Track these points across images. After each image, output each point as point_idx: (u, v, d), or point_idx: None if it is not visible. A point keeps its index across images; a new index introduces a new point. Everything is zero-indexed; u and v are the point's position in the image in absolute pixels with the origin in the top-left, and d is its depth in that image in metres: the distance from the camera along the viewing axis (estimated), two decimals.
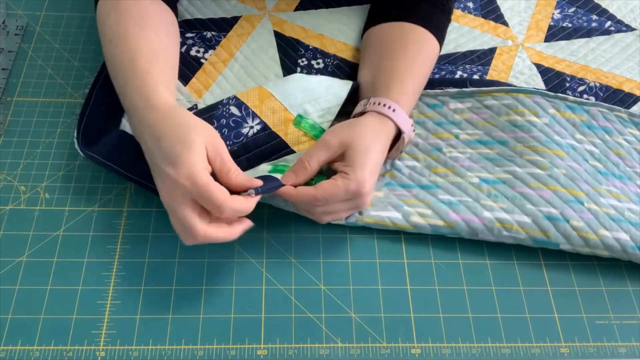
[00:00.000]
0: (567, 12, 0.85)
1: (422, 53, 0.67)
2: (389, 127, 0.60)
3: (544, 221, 0.60)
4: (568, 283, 0.60)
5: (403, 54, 0.66)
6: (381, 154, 0.59)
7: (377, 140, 0.59)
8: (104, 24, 0.64)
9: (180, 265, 0.58)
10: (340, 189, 0.55)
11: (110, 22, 0.63)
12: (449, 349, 0.55)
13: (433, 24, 0.69)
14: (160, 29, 0.64)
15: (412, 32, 0.68)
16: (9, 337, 0.53)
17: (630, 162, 0.67)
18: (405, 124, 0.61)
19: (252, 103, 0.62)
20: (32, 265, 0.57)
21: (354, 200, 0.56)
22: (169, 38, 0.65)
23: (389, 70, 0.65)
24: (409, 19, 0.69)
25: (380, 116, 0.60)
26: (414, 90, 0.65)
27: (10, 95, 0.70)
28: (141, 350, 0.53)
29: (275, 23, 0.79)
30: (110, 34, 0.62)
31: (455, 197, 0.62)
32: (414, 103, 0.66)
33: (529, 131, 0.67)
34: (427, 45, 0.68)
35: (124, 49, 0.60)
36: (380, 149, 0.59)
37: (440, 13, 0.70)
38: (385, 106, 0.60)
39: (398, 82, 0.64)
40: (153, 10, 0.65)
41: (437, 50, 0.70)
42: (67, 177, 0.64)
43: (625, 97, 0.74)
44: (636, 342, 0.56)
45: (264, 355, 0.54)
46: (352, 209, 0.58)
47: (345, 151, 0.57)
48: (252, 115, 0.61)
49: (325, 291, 0.58)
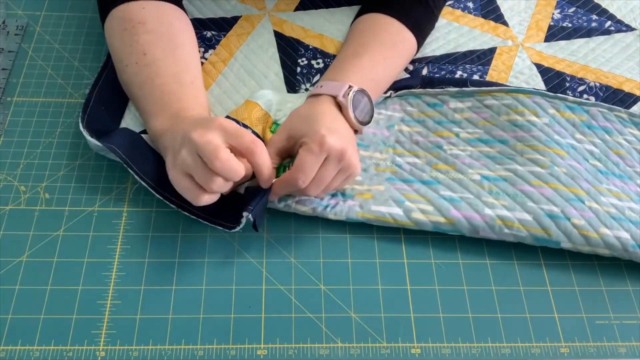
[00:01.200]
0: (567, 12, 0.85)
1: (382, 38, 0.69)
2: (324, 100, 0.61)
3: (545, 219, 0.60)
4: (568, 283, 0.60)
5: (357, 39, 0.69)
6: (329, 118, 0.59)
7: (314, 110, 0.60)
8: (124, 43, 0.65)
9: (180, 265, 0.58)
10: (306, 154, 0.55)
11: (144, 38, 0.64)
12: (449, 349, 0.55)
13: (408, 16, 0.70)
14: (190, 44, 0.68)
15: (378, 21, 0.70)
16: (9, 337, 0.53)
17: (630, 162, 0.67)
18: (334, 88, 0.61)
19: (242, 116, 0.64)
20: (32, 265, 0.57)
21: (332, 159, 0.56)
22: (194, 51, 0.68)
23: (339, 56, 0.68)
24: (383, 10, 0.70)
25: (313, 97, 0.62)
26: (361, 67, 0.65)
27: (10, 95, 0.70)
28: (141, 350, 0.53)
29: (275, 23, 0.79)
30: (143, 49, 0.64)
31: (456, 194, 0.62)
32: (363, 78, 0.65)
33: (529, 130, 0.67)
34: (391, 32, 0.69)
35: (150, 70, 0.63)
36: (322, 113, 0.59)
37: (421, 8, 0.71)
38: (317, 86, 0.63)
39: (337, 62, 0.66)
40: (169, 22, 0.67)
41: (409, 42, 0.71)
42: (67, 177, 0.64)
43: (625, 97, 0.74)
44: (636, 342, 0.56)
45: (264, 355, 0.54)
46: (339, 170, 0.57)
47: (291, 132, 0.59)
48: (244, 127, 0.62)
49: (325, 291, 0.58)
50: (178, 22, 0.67)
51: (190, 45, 0.67)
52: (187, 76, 0.63)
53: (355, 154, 0.58)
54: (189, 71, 0.64)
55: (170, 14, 0.67)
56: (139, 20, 0.64)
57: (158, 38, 0.64)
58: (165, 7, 0.67)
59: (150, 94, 0.62)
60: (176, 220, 0.61)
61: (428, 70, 0.75)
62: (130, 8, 0.65)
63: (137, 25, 0.64)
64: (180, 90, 0.62)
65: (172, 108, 0.60)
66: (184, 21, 0.69)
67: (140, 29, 0.64)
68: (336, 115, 0.61)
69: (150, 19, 0.65)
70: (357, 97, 0.61)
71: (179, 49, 0.65)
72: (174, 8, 0.68)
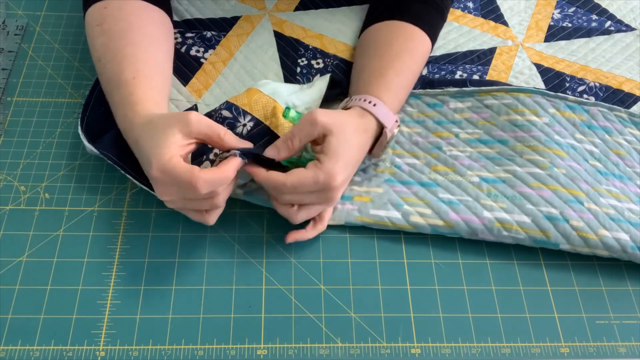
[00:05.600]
0: (567, 12, 0.85)
1: (409, 49, 0.67)
2: (370, 122, 0.60)
3: (544, 221, 0.60)
4: (568, 283, 0.60)
5: (387, 51, 0.67)
6: (359, 148, 0.58)
7: (356, 134, 0.58)
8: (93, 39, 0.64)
9: (180, 265, 0.58)
10: (309, 177, 0.54)
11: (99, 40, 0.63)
12: (449, 349, 0.55)
13: (424, 21, 0.69)
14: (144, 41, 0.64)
15: (400, 30, 0.69)
16: (9, 337, 0.53)
17: (630, 162, 0.67)
18: (387, 117, 0.60)
19: (242, 102, 0.62)
20: (32, 265, 0.57)
21: (324, 192, 0.55)
22: (153, 47, 0.65)
23: (372, 67, 0.66)
24: (399, 17, 0.69)
25: (362, 111, 0.60)
26: (399, 86, 0.65)
27: (10, 95, 0.70)
28: (141, 350, 0.53)
29: (275, 23, 0.79)
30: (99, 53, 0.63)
31: (455, 196, 0.62)
32: (399, 99, 0.65)
33: (529, 131, 0.67)
34: (415, 41, 0.68)
35: (110, 66, 0.62)
36: (358, 143, 0.58)
37: (434, 11, 0.71)
38: (366, 101, 0.61)
39: (380, 78, 0.64)
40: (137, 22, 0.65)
41: (427, 47, 0.70)
42: (67, 177, 0.64)
43: (625, 97, 0.74)
44: (636, 342, 0.56)
45: (264, 355, 0.54)
46: (321, 202, 0.57)
47: (326, 136, 0.56)
48: (243, 113, 0.61)
49: (325, 291, 0.58)
50: (136, 18, 0.65)
51: (149, 41, 0.64)
52: (128, 74, 0.60)
53: (343, 186, 0.57)
54: (131, 67, 0.61)
55: (129, 11, 0.65)
56: (97, 22, 0.64)
57: (109, 39, 0.63)
58: (127, 4, 0.65)
59: (107, 97, 0.62)
60: (176, 220, 0.61)
61: (428, 70, 0.75)
62: (94, 9, 0.65)
63: (96, 27, 0.64)
64: (117, 91, 0.60)
65: (118, 111, 0.60)
66: (146, 15, 0.66)
67: (97, 31, 0.64)
68: (368, 140, 0.60)
69: (108, 18, 0.64)
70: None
71: (128, 46, 0.62)
72: (139, 4, 0.66)
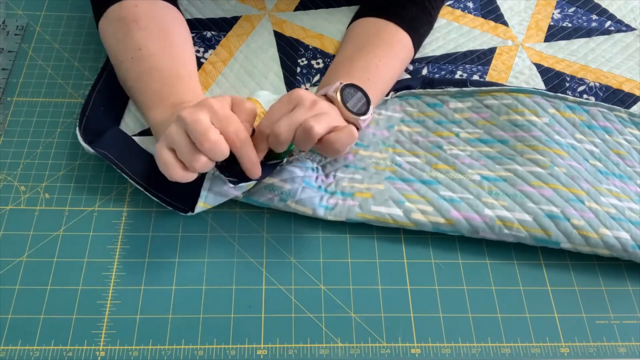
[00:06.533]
0: (567, 11, 0.85)
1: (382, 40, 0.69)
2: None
3: (545, 220, 0.60)
4: (568, 283, 0.60)
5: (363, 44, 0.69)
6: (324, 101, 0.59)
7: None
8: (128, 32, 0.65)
9: (180, 265, 0.58)
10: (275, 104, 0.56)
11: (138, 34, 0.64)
12: (449, 349, 0.55)
13: (405, 19, 0.70)
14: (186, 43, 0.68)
15: (380, 26, 0.70)
16: (9, 337, 0.53)
17: (630, 162, 0.67)
18: (326, 89, 0.61)
19: None
20: (32, 265, 0.57)
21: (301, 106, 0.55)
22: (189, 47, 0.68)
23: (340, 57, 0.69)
24: (381, 14, 0.71)
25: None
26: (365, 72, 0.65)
27: (10, 95, 0.70)
28: (141, 350, 0.53)
29: (275, 23, 0.79)
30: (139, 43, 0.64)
31: (456, 194, 0.62)
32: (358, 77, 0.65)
33: (529, 130, 0.67)
34: (393, 37, 0.69)
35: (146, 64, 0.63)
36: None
37: (420, 13, 0.71)
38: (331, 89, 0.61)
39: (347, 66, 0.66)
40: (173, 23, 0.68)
41: (407, 44, 0.70)
42: (67, 177, 0.64)
43: (625, 97, 0.74)
44: (636, 342, 0.56)
45: (264, 355, 0.54)
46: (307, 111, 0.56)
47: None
48: None
49: (325, 291, 0.58)
50: (170, 19, 0.68)
51: (185, 42, 0.68)
52: (184, 71, 0.64)
53: (314, 97, 0.57)
54: (185, 66, 0.65)
55: (162, 12, 0.68)
56: (132, 19, 0.65)
57: (151, 34, 0.65)
58: (157, 4, 0.68)
59: (147, 87, 0.62)
60: (176, 220, 0.61)
61: (428, 70, 0.75)
62: (122, 7, 0.66)
63: (131, 23, 0.65)
64: (178, 84, 0.62)
65: (170, 100, 0.61)
66: (176, 18, 0.69)
67: (134, 26, 0.65)
68: None
69: (142, 16, 0.65)
70: (347, 90, 0.61)
71: (174, 47, 0.65)
72: (166, 5, 0.69)
